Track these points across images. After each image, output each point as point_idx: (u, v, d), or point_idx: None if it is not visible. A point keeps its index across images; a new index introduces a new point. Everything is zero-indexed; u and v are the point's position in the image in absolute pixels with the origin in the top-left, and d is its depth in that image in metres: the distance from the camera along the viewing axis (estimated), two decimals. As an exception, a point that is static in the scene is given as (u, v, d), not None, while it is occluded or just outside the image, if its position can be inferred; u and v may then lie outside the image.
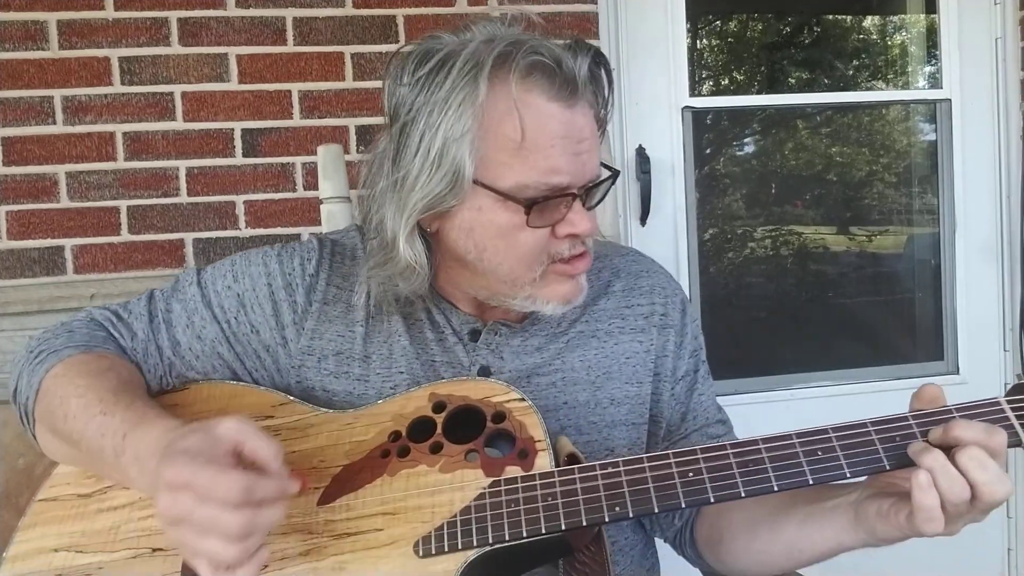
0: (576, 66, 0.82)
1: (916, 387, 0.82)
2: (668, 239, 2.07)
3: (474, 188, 0.82)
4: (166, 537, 0.72)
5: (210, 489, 0.67)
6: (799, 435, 0.76)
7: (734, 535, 0.92)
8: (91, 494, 0.86)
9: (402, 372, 0.93)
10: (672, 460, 0.76)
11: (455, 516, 0.77)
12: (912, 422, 0.76)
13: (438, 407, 0.84)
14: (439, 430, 0.82)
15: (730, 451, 0.76)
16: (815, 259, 2.33)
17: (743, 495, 0.74)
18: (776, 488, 0.74)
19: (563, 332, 0.98)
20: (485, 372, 0.94)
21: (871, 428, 0.76)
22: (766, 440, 0.77)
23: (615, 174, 0.90)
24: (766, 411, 2.11)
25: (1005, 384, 2.15)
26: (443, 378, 0.92)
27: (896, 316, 2.37)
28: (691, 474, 0.75)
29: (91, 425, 0.81)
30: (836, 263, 2.35)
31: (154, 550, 0.80)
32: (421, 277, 0.89)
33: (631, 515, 0.75)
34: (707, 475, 0.75)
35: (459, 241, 0.87)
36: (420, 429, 0.83)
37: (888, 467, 0.74)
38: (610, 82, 0.89)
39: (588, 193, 0.86)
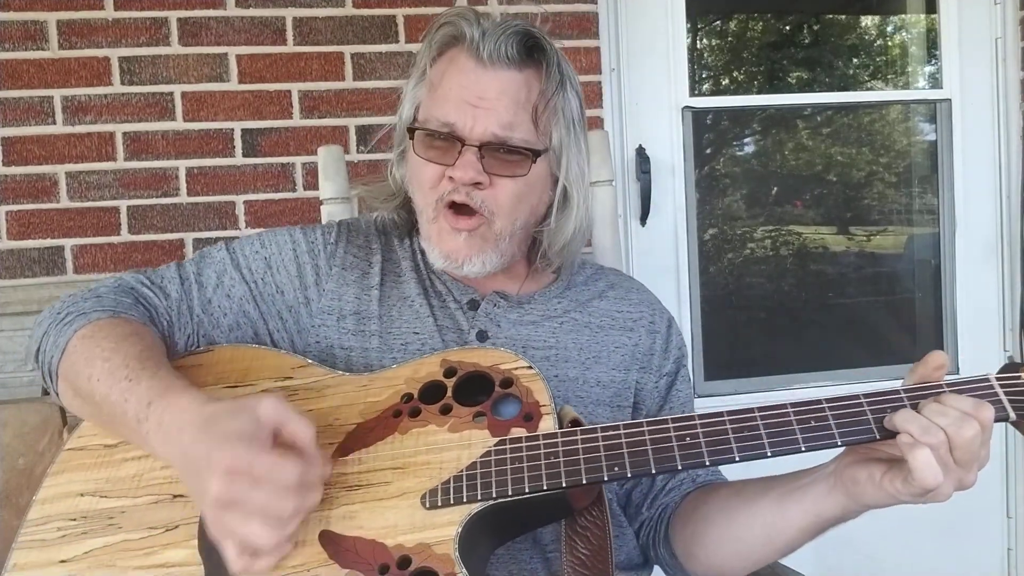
0: (493, 39, 0.96)
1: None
2: (668, 239, 2.07)
3: (413, 127, 1.01)
4: (204, 515, 0.74)
5: (271, 475, 0.70)
6: (794, 405, 0.80)
7: (710, 524, 0.95)
8: (116, 444, 0.89)
9: (416, 332, 1.01)
10: (671, 425, 0.80)
11: (461, 471, 0.80)
12: (903, 395, 0.80)
13: (449, 372, 0.88)
14: (449, 393, 0.87)
15: (727, 418, 0.80)
16: (815, 259, 2.33)
17: (737, 459, 0.78)
18: (769, 453, 0.77)
19: (558, 316, 1.07)
20: (482, 336, 1.02)
21: (863, 400, 0.79)
22: (762, 409, 0.80)
23: (534, 153, 0.98)
24: (766, 411, 2.11)
25: (1005, 384, 2.16)
26: (444, 339, 1.01)
27: (896, 316, 2.37)
28: (688, 438, 0.79)
29: (115, 388, 0.83)
30: (836, 263, 2.35)
31: (175, 496, 0.84)
32: (398, 198, 1.09)
33: (629, 475, 0.78)
34: (704, 439, 0.79)
35: (406, 177, 1.06)
36: (431, 392, 0.88)
37: (878, 437, 0.78)
38: (549, 68, 0.99)
39: (491, 154, 0.96)
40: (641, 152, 1.99)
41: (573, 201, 1.04)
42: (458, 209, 0.98)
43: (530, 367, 0.87)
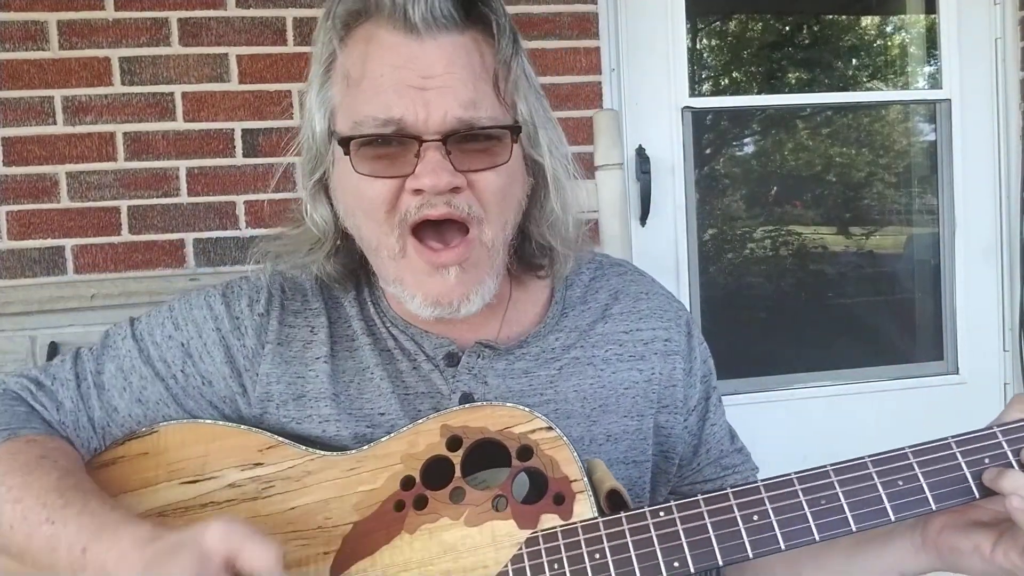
0: None
1: (916, 387, 0.78)
2: (668, 239, 2.07)
3: (332, 142, 0.77)
4: None
5: None
6: (875, 462, 0.67)
7: (773, 573, 0.84)
8: None
9: (381, 412, 0.83)
10: (733, 502, 0.67)
11: None
12: (1001, 439, 0.67)
13: (453, 443, 0.73)
14: (458, 472, 0.72)
15: (798, 487, 0.67)
16: (815, 259, 2.33)
17: (817, 539, 0.65)
18: (855, 529, 0.65)
19: (555, 358, 0.87)
20: (467, 399, 0.83)
21: (956, 450, 0.67)
22: (837, 470, 0.67)
23: (513, 129, 0.76)
24: (765, 411, 2.12)
25: (1005, 384, 2.16)
26: (420, 412, 0.82)
27: (896, 316, 2.37)
28: (756, 517, 0.66)
29: (36, 536, 0.70)
30: (836, 263, 2.35)
31: None
32: (327, 245, 0.82)
33: (692, 570, 0.65)
34: (774, 517, 0.65)
35: (339, 210, 0.81)
36: (436, 472, 0.73)
37: (978, 497, 0.65)
38: (500, 24, 0.76)
39: (458, 145, 0.73)
40: (641, 152, 1.99)
41: (561, 182, 0.83)
42: (435, 233, 0.76)
43: (550, 427, 0.72)
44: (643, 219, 2.01)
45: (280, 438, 0.79)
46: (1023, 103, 2.12)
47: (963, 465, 0.66)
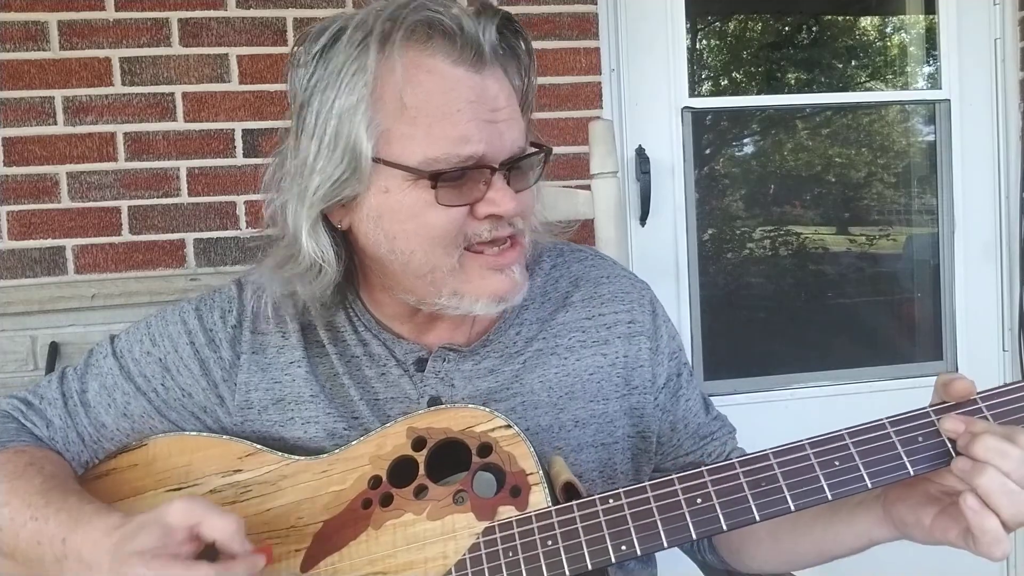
0: (480, 30, 0.75)
1: (916, 387, 0.79)
2: (668, 239, 2.07)
3: (376, 168, 0.75)
4: None
5: None
6: (812, 444, 0.70)
7: (758, 541, 0.88)
8: None
9: (354, 416, 0.86)
10: (678, 486, 0.70)
11: (450, 571, 0.71)
12: (934, 418, 0.70)
13: (418, 444, 0.77)
14: (422, 470, 0.76)
15: (739, 469, 0.70)
16: (814, 259, 2.33)
17: (758, 519, 0.68)
18: (793, 508, 0.68)
19: (519, 352, 0.90)
20: (435, 403, 0.86)
21: (890, 430, 0.70)
22: (777, 453, 0.70)
23: (546, 151, 0.81)
24: (765, 411, 2.12)
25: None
26: (390, 416, 0.85)
27: (895, 316, 2.37)
28: (699, 500, 0.69)
29: (23, 534, 0.76)
30: (835, 263, 2.35)
31: None
32: (328, 276, 0.81)
33: (639, 553, 0.69)
34: (717, 500, 0.69)
35: (370, 234, 0.79)
36: (402, 471, 0.77)
37: (913, 473, 0.68)
38: (529, 52, 0.81)
39: (513, 170, 0.78)
40: (641, 152, 2.00)
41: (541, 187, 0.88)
42: (482, 244, 0.79)
43: (508, 425, 0.76)
44: (643, 219, 2.01)
45: (259, 446, 0.84)
46: (1023, 103, 2.13)
47: (897, 444, 0.69)
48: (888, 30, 2.46)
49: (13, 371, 1.72)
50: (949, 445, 0.69)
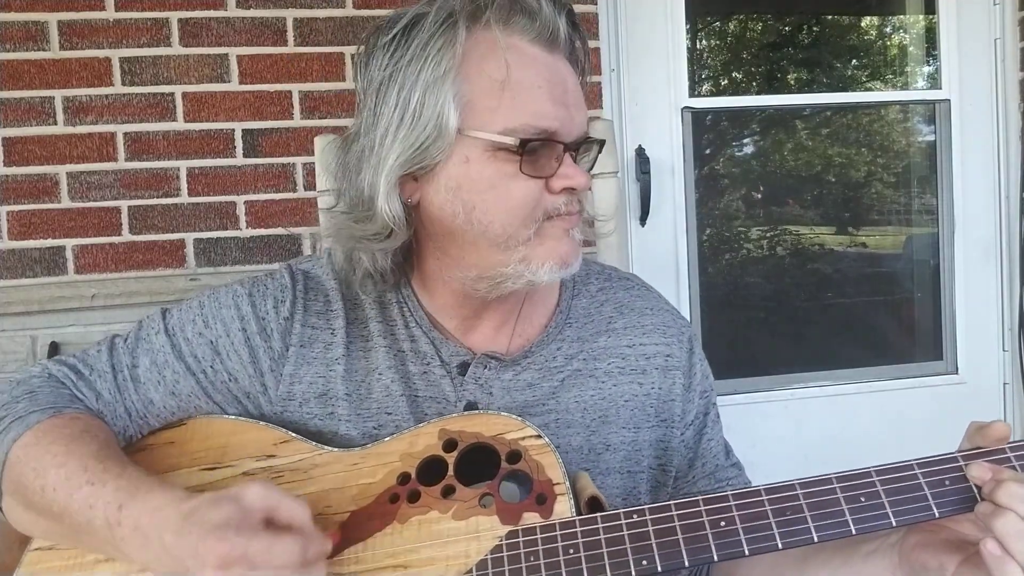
0: (553, 14, 0.80)
1: (916, 387, 0.78)
2: (668, 239, 2.07)
3: (460, 138, 0.78)
4: None
5: (269, 557, 0.65)
6: (839, 478, 0.71)
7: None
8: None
9: (388, 412, 0.87)
10: (703, 507, 0.71)
11: (471, 571, 0.72)
12: (962, 463, 0.71)
13: (449, 445, 0.79)
14: (451, 471, 0.78)
15: (765, 496, 0.71)
16: (814, 259, 2.33)
17: (780, 546, 0.69)
18: (816, 539, 0.68)
19: (559, 369, 0.91)
20: (472, 408, 0.88)
21: (918, 471, 0.71)
22: (804, 484, 0.71)
23: (601, 143, 0.87)
24: (765, 411, 2.12)
25: (1004, 384, 2.16)
26: (427, 415, 0.87)
27: (895, 316, 2.38)
28: (723, 523, 0.70)
29: (77, 496, 0.75)
30: (835, 263, 2.35)
31: None
32: (397, 239, 0.83)
33: (659, 569, 0.69)
34: (740, 524, 0.70)
35: (445, 205, 0.81)
36: (431, 470, 0.78)
37: (938, 515, 0.69)
38: (586, 51, 0.85)
39: (579, 151, 0.83)
40: (641, 152, 2.00)
41: None
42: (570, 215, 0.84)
43: (539, 436, 0.78)
44: (643, 219, 2.01)
45: (294, 434, 0.85)
46: (1023, 103, 2.13)
47: (924, 486, 0.69)
48: (888, 30, 2.46)
49: (13, 371, 1.72)
50: (976, 491, 0.69)
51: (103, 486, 0.74)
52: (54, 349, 1.71)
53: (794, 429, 2.11)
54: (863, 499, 0.69)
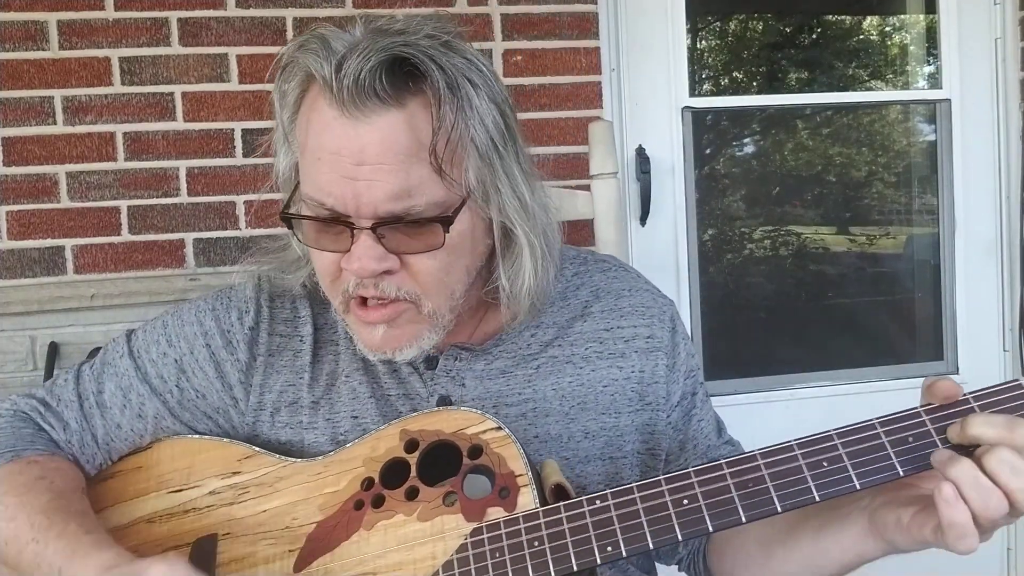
0: (360, 69, 0.69)
1: (916, 387, 0.75)
2: (668, 239, 2.07)
3: (294, 187, 0.80)
4: None
5: None
6: (800, 444, 0.70)
7: (749, 557, 0.86)
8: None
9: (355, 416, 0.86)
10: (665, 487, 0.70)
11: (437, 572, 0.71)
12: (925, 418, 0.69)
13: (410, 446, 0.78)
14: (413, 472, 0.77)
15: (727, 470, 0.69)
16: (815, 259, 2.33)
17: (744, 520, 0.67)
18: (780, 509, 0.67)
19: (533, 356, 0.89)
20: (445, 402, 0.86)
21: (880, 430, 0.69)
22: (765, 454, 0.70)
23: (444, 221, 0.74)
24: (765, 411, 2.12)
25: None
26: (401, 413, 0.85)
27: (896, 316, 2.37)
28: (686, 501, 0.69)
29: (25, 554, 0.76)
30: (836, 263, 2.35)
31: None
32: (309, 264, 0.85)
33: (624, 554, 0.68)
34: (703, 501, 0.68)
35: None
36: (394, 473, 0.78)
37: (903, 473, 0.67)
38: (450, 86, 0.72)
39: (389, 230, 0.74)
40: (641, 152, 1.99)
41: (520, 240, 0.80)
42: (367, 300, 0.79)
43: (499, 428, 0.76)
44: (643, 219, 2.01)
45: (257, 448, 0.85)
46: (1023, 103, 2.12)
47: (887, 445, 0.68)
48: (888, 30, 2.45)
49: (12, 371, 1.72)
50: (939, 443, 0.68)
51: (46, 546, 0.75)
52: (53, 349, 1.71)
53: (795, 429, 2.10)
54: (825, 463, 0.68)
